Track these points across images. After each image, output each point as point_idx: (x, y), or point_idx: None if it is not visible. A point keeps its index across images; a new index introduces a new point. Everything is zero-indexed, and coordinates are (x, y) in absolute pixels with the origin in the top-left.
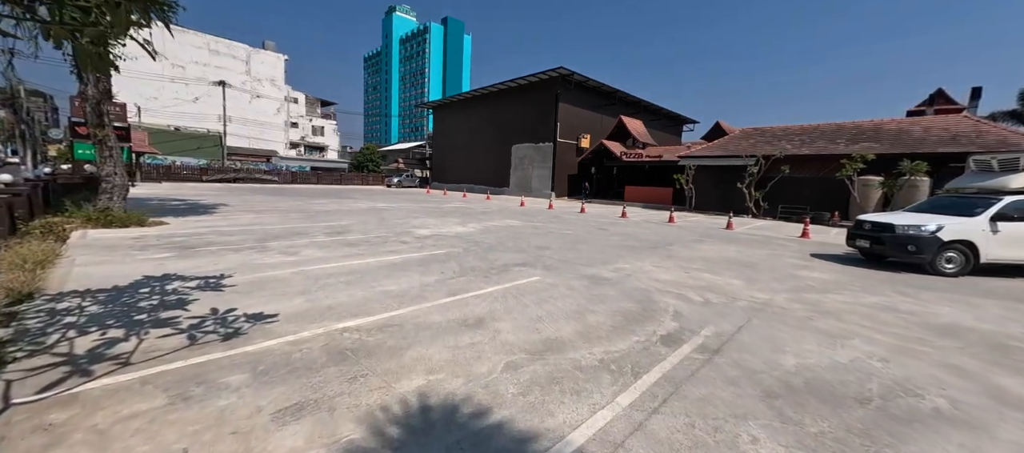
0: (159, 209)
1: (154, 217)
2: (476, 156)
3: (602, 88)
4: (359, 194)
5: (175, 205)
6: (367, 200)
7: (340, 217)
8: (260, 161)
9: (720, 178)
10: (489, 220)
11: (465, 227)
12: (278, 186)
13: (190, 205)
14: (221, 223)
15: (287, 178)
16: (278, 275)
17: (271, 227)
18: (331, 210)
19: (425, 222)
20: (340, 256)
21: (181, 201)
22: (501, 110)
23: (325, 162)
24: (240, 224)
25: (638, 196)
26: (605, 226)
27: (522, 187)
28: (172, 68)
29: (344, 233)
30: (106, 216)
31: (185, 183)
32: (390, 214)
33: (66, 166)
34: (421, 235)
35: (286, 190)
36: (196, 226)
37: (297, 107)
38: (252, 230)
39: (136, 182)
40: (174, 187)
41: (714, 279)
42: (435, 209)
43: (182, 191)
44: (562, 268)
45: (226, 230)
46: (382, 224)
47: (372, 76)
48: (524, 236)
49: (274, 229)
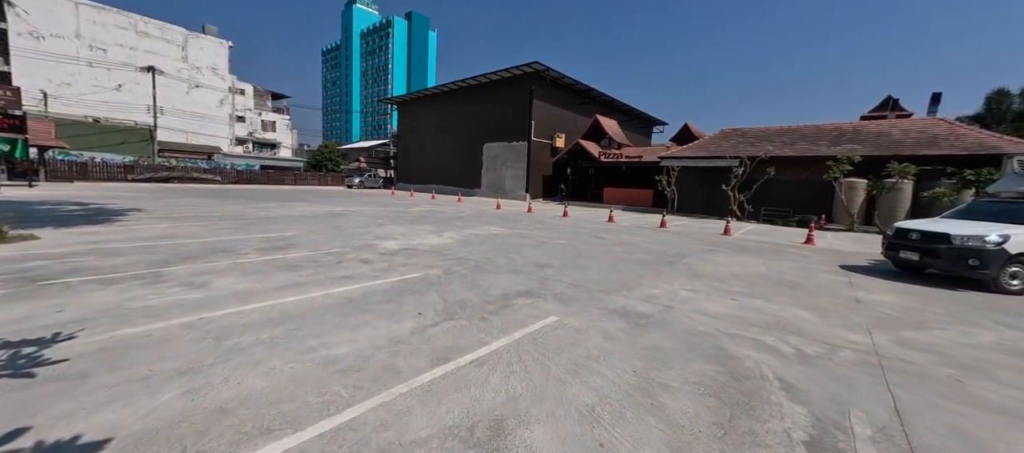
0: (44, 216)
1: (26, 227)
2: (445, 155)
3: (577, 86)
4: (315, 196)
5: (70, 211)
6: (323, 203)
7: (286, 225)
8: (200, 158)
9: (703, 180)
10: (467, 227)
11: (441, 237)
12: (220, 187)
13: (91, 211)
14: (116, 237)
15: (231, 178)
16: (157, 331)
17: (186, 242)
18: (276, 216)
19: (392, 231)
20: (272, 288)
21: (82, 206)
22: (472, 107)
23: (277, 160)
24: (142, 238)
25: (617, 198)
26: (599, 233)
27: (495, 188)
28: (90, 50)
29: (286, 248)
30: None
31: (103, 183)
32: (349, 220)
33: None
34: (387, 249)
35: (228, 191)
36: (77, 241)
37: (244, 99)
38: (155, 247)
39: (37, 181)
40: (86, 188)
41: (774, 310)
42: (402, 213)
43: (93, 192)
44: (580, 298)
45: (116, 248)
46: (338, 234)
47: (331, 70)
48: (514, 248)
49: (189, 245)
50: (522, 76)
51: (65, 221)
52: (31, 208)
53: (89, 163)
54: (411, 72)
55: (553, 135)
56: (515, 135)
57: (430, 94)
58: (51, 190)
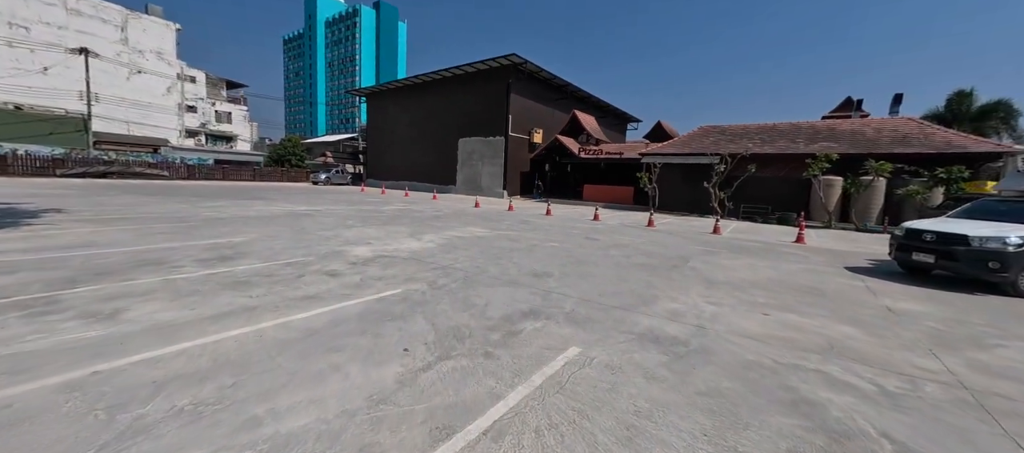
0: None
1: None
2: (418, 150)
3: (554, 80)
4: (276, 193)
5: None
6: (284, 201)
7: (237, 228)
8: (145, 152)
9: (684, 177)
10: (447, 228)
11: (420, 241)
12: (167, 183)
13: None
14: (15, 247)
15: (181, 173)
16: (19, 399)
17: (107, 252)
18: (227, 217)
19: (363, 234)
20: (209, 316)
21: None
22: (446, 100)
23: (234, 155)
24: (50, 247)
25: (597, 195)
26: (589, 234)
27: (471, 185)
28: (9, 28)
29: (235, 259)
30: None
31: (26, 179)
32: (313, 221)
33: None
34: (359, 257)
35: (176, 188)
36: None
37: (195, 88)
38: (64, 260)
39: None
40: (2, 183)
41: (816, 327)
42: (374, 213)
43: (8, 190)
44: (596, 318)
45: (10, 261)
46: (300, 239)
47: (293, 61)
48: (504, 253)
49: (109, 256)
50: (499, 69)
51: None
52: None
53: (9, 156)
54: (380, 64)
55: (531, 130)
56: (492, 130)
57: (402, 86)
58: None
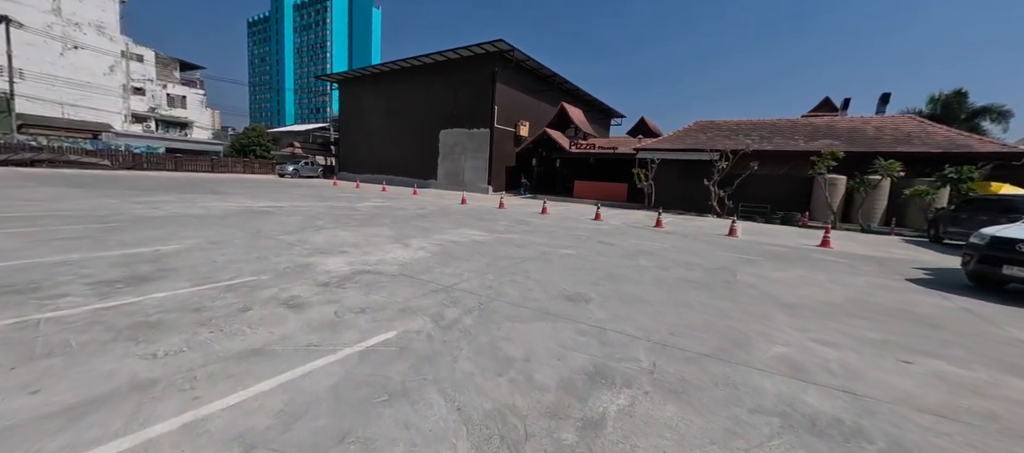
0: None
1: None
2: (396, 142)
3: (541, 70)
4: (235, 186)
5: None
6: (243, 196)
7: (173, 231)
8: (82, 137)
9: (681, 173)
10: (437, 229)
11: (408, 248)
12: (107, 173)
13: None
14: None
15: (126, 162)
16: None
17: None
18: (164, 215)
19: (336, 238)
20: (49, 415)
21: None
22: (427, 89)
23: (190, 143)
24: None
25: (589, 192)
26: (601, 238)
27: (452, 179)
28: None
29: (151, 281)
30: None
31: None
32: (274, 221)
33: None
34: (332, 275)
35: (114, 179)
36: None
37: (143, 68)
38: None
39: None
40: None
41: (988, 384)
42: (349, 211)
43: None
44: (694, 381)
45: None
46: (254, 246)
47: (259, 45)
48: (515, 265)
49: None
50: (485, 56)
51: None
52: None
53: None
54: (352, 52)
55: (517, 123)
56: (476, 121)
57: (378, 72)
58: None
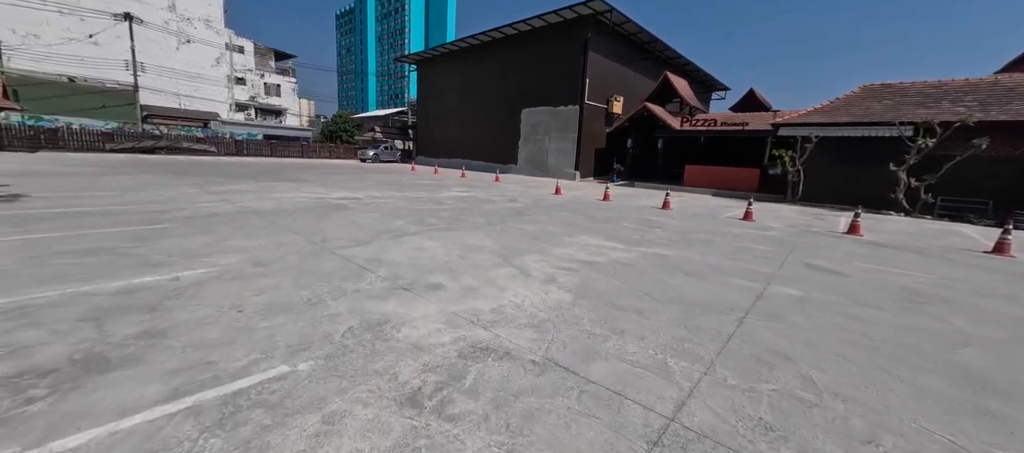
0: None
1: None
2: (473, 124)
3: (639, 36)
4: (317, 173)
5: None
6: (321, 184)
7: (221, 238)
8: (195, 126)
9: (843, 155)
10: (551, 240)
11: (529, 283)
12: (211, 160)
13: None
14: None
15: (230, 149)
16: None
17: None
18: (225, 213)
19: (422, 256)
20: None
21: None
22: (507, 64)
23: (283, 129)
24: None
25: (705, 179)
26: (802, 256)
27: (533, 163)
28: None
29: (91, 378)
30: None
31: (70, 154)
32: (346, 223)
33: None
34: (424, 362)
35: (212, 166)
36: None
37: (244, 58)
38: None
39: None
40: (33, 160)
41: None
42: (431, 205)
43: (17, 164)
44: None
45: None
46: (308, 273)
47: (345, 36)
48: (728, 320)
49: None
50: (576, 21)
51: None
52: None
53: (62, 130)
54: (429, 35)
55: (610, 98)
56: (563, 98)
57: (454, 50)
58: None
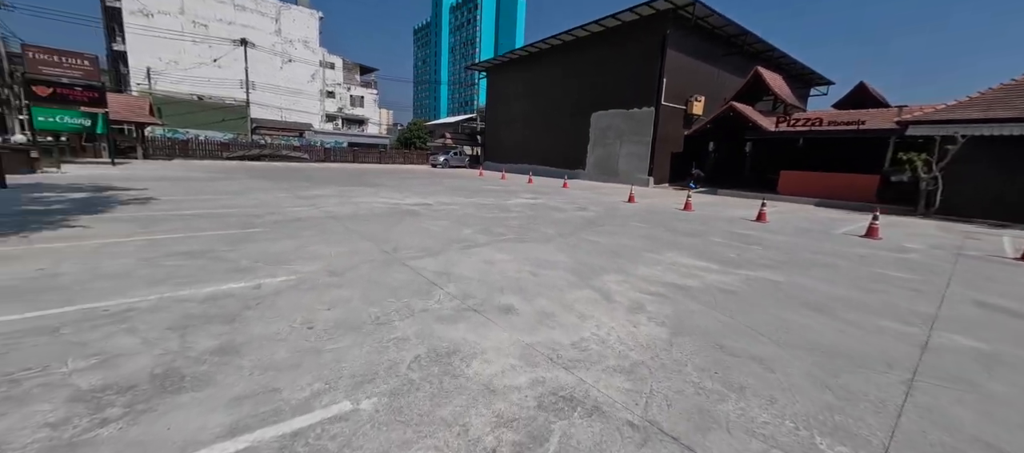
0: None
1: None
2: (541, 129)
3: (725, 30)
4: (393, 178)
5: (47, 200)
6: (395, 190)
7: (305, 243)
8: (292, 135)
9: (1004, 160)
10: (630, 256)
11: (612, 308)
12: (303, 166)
13: (76, 203)
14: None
15: (319, 155)
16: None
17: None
18: (311, 217)
19: (492, 270)
20: None
21: (94, 192)
22: (576, 67)
23: (365, 137)
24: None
25: (806, 187)
26: (980, 292)
27: (603, 168)
28: (193, 26)
29: (164, 399)
30: None
31: (198, 161)
32: (416, 231)
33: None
34: (497, 411)
35: (304, 171)
36: None
37: (334, 74)
38: None
39: (127, 160)
40: (171, 167)
41: None
42: (499, 211)
43: (160, 173)
44: None
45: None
46: (378, 286)
47: (421, 49)
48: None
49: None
50: (654, 17)
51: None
52: (31, 193)
53: (191, 141)
54: (498, 42)
55: (689, 99)
56: (636, 99)
57: (524, 55)
58: (128, 169)
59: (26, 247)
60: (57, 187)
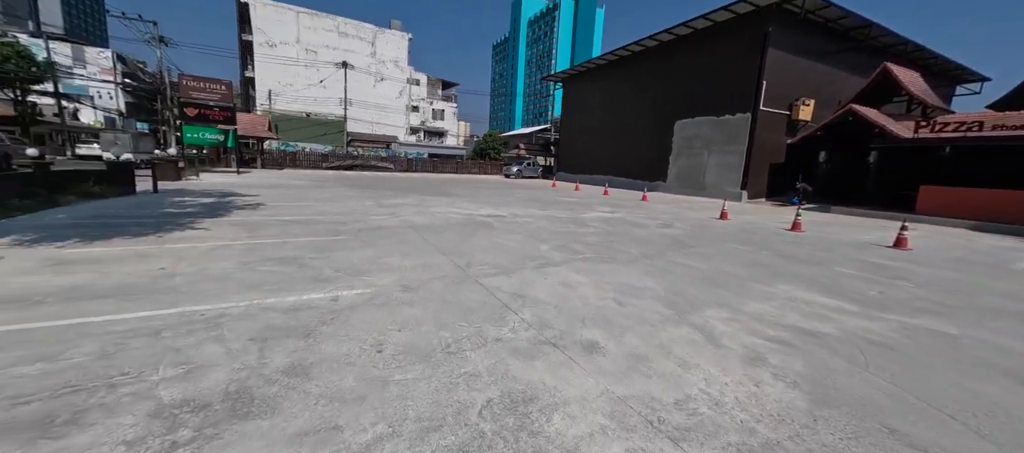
0: (137, 213)
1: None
2: (617, 138)
3: (842, 22)
4: (468, 188)
5: (182, 203)
6: (470, 200)
7: (382, 253)
8: (379, 147)
9: None
10: (736, 288)
11: (726, 364)
12: (388, 175)
13: (203, 208)
14: (117, 270)
15: (403, 165)
16: None
17: (110, 321)
18: (390, 226)
19: (571, 295)
20: None
21: (219, 197)
22: (658, 73)
23: (443, 148)
24: (117, 288)
25: (958, 206)
26: None
27: (687, 180)
28: (305, 53)
29: (232, 425)
30: None
31: (303, 170)
32: (490, 245)
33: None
34: None
35: (386, 180)
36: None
37: (418, 89)
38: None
39: (249, 169)
40: (280, 175)
41: None
42: (575, 227)
43: (273, 180)
44: None
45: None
46: (449, 307)
47: (499, 63)
48: None
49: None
50: (752, 14)
51: (114, 227)
52: (174, 197)
53: (298, 153)
54: (574, 55)
55: (795, 103)
56: (728, 105)
57: (602, 64)
58: (248, 177)
59: (158, 246)
60: (193, 192)
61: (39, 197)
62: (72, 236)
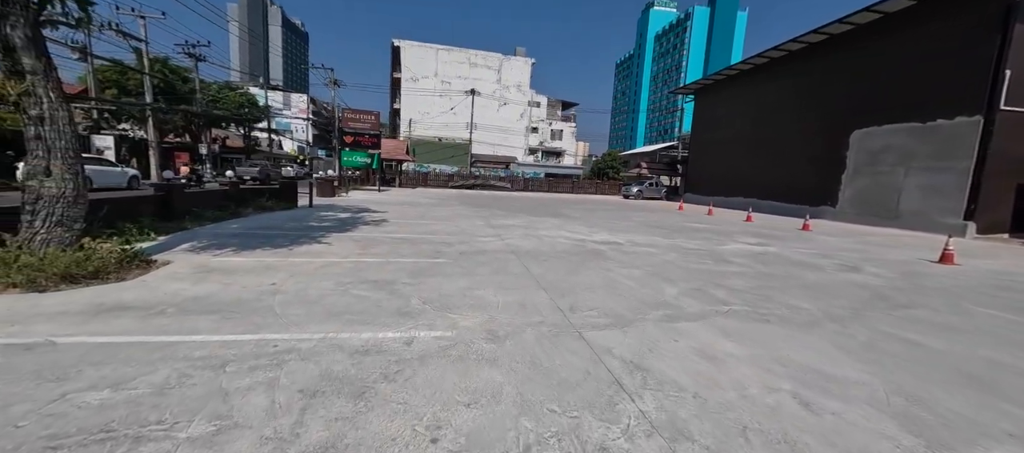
0: (299, 222)
1: (222, 248)
2: (763, 154)
3: None
4: (583, 209)
5: (324, 218)
6: (584, 222)
7: (475, 283)
8: (499, 168)
9: None
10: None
11: None
12: (505, 194)
13: (340, 222)
14: (236, 283)
15: (519, 185)
16: None
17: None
18: (493, 250)
19: (719, 365)
20: None
21: (355, 212)
22: (825, 74)
23: (560, 168)
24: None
25: None
26: None
27: (868, 206)
28: (441, 84)
29: None
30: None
31: (433, 190)
32: (603, 283)
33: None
34: None
35: (502, 200)
36: (199, 285)
37: (538, 111)
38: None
39: (388, 187)
40: (413, 194)
41: None
42: (713, 264)
43: (407, 198)
44: None
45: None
46: (539, 370)
47: (622, 81)
48: None
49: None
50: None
51: (264, 238)
52: (321, 212)
53: (430, 173)
54: (708, 64)
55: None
56: (940, 107)
57: (744, 70)
58: (386, 195)
59: (283, 259)
60: (338, 208)
61: (227, 209)
62: (231, 245)
